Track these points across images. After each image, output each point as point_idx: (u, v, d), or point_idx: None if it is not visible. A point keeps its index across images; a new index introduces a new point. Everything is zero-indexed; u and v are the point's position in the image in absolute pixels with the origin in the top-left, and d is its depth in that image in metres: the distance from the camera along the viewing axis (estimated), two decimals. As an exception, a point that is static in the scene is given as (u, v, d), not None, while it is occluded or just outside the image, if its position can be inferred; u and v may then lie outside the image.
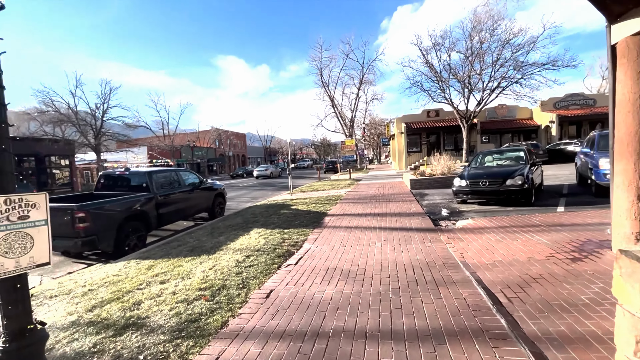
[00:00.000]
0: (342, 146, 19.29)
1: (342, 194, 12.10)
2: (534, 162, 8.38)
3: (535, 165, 8.27)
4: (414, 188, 12.20)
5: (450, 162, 13.46)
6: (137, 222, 6.64)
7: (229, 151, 52.28)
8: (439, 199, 9.29)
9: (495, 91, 20.85)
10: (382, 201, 9.55)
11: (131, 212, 6.52)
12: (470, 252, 4.29)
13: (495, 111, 26.74)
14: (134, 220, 6.56)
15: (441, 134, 27.35)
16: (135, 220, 6.61)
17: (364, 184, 15.66)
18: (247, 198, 15.16)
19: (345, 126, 34.20)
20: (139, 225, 6.67)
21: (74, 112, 25.85)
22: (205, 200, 9.41)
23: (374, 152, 71.21)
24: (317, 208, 8.92)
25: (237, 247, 5.21)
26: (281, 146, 76.50)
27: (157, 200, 7.32)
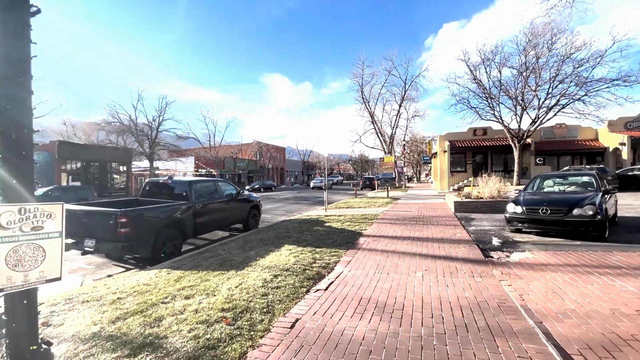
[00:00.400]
0: (380, 163, 18.75)
1: (379, 212, 11.54)
2: (607, 190, 7.23)
3: (608, 194, 7.13)
4: (458, 211, 11.26)
5: (501, 185, 12.30)
6: (175, 229, 6.77)
7: (268, 164, 53.86)
8: (487, 225, 8.39)
9: (553, 109, 19.05)
10: (422, 223, 8.86)
11: (169, 220, 6.67)
12: (533, 295, 3.62)
13: (552, 131, 24.44)
14: (171, 228, 6.70)
15: (489, 153, 25.56)
16: (173, 228, 6.74)
17: (402, 204, 14.90)
18: (282, 211, 15.16)
19: (385, 143, 33.51)
20: (176, 233, 6.79)
21: (134, 123, 28.43)
22: (241, 212, 9.46)
23: (413, 170, 68.91)
24: (352, 227, 8.50)
25: (266, 265, 5.00)
26: (319, 160, 77.28)
27: (195, 210, 7.45)
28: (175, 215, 6.85)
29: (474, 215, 10.33)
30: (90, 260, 6.59)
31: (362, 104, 33.97)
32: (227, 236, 8.95)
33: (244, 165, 47.24)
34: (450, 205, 12.48)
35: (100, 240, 5.93)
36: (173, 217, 6.77)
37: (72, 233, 6.27)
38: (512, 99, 19.73)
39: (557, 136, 24.46)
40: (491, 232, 7.39)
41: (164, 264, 5.48)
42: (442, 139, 26.55)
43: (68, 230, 6.49)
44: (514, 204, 7.05)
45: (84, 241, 6.07)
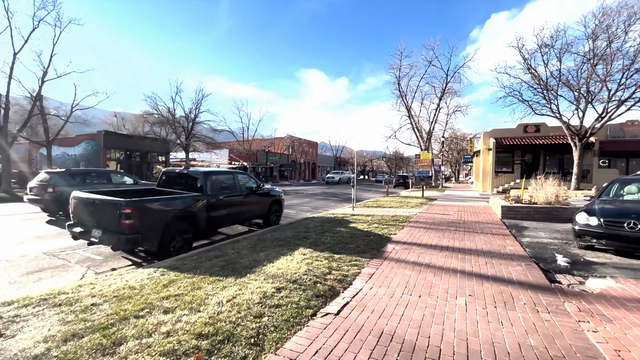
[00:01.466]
0: (415, 160, 17.32)
1: (412, 215, 10.38)
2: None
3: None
4: (506, 217, 9.76)
5: (560, 189, 10.51)
6: (185, 223, 6.29)
7: (300, 158, 53.72)
8: (545, 237, 6.96)
9: (625, 103, 16.21)
10: (463, 230, 7.63)
11: (180, 213, 6.19)
12: (636, 352, 2.48)
13: (622, 128, 21.15)
14: (182, 221, 6.22)
15: (541, 153, 22.80)
16: (184, 221, 6.27)
17: (439, 205, 13.50)
18: (308, 207, 14.47)
19: (422, 139, 31.48)
20: (187, 227, 6.31)
21: (172, 115, 29.37)
22: (261, 207, 8.88)
23: (452, 169, 65.09)
24: (380, 230, 7.52)
25: (272, 272, 4.26)
26: (351, 156, 75.87)
27: (209, 203, 6.94)
28: (187, 208, 6.36)
29: (526, 224, 8.82)
30: (102, 250, 6.33)
31: (398, 97, 32.11)
32: (246, 231, 8.41)
33: (276, 159, 47.47)
34: (496, 209, 10.94)
35: (106, 230, 5.58)
36: (184, 210, 6.28)
37: (81, 221, 6.03)
38: (575, 90, 17.11)
39: (628, 135, 21.11)
40: (552, 247, 6.02)
41: (164, 262, 4.97)
42: (487, 136, 24.18)
43: (78, 218, 6.29)
44: (586, 214, 5.63)
45: (92, 231, 5.77)
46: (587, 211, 5.69)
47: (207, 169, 7.67)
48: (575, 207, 9.98)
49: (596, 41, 16.34)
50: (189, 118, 30.10)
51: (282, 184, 40.30)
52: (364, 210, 11.79)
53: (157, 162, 32.51)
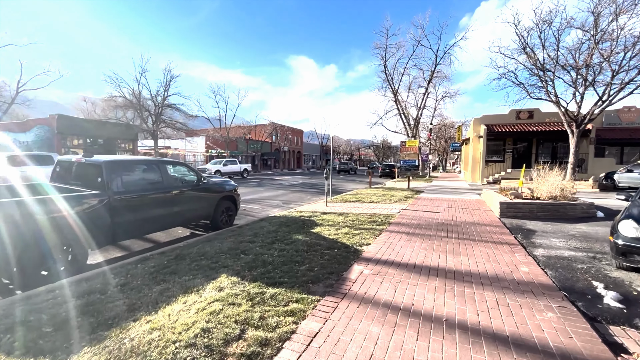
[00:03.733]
0: (401, 147, 15.63)
1: (394, 213, 8.65)
2: None
3: None
4: (505, 216, 8.16)
5: (566, 182, 8.97)
6: (63, 236, 4.33)
7: (284, 146, 51.46)
8: (563, 247, 5.34)
9: (629, 85, 14.79)
10: (457, 237, 5.93)
11: (54, 223, 4.21)
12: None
13: (618, 115, 19.99)
14: (59, 233, 4.27)
15: (533, 141, 21.50)
16: (61, 234, 4.30)
17: (426, 199, 11.87)
18: (279, 202, 12.61)
19: (409, 126, 29.79)
20: (66, 241, 4.36)
21: (137, 98, 26.60)
22: (203, 206, 6.97)
23: (439, 158, 64.25)
24: (350, 238, 5.74)
25: (133, 344, 2.40)
26: (338, 145, 73.91)
27: (113, 204, 4.98)
28: (67, 215, 4.38)
29: (531, 225, 7.22)
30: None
31: (384, 81, 30.12)
32: (186, 236, 6.55)
33: (257, 147, 45.10)
34: (492, 205, 9.35)
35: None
36: (61, 218, 4.31)
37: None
38: (575, 69, 15.56)
39: (624, 122, 19.99)
40: (580, 266, 4.38)
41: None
42: (477, 123, 22.67)
43: None
44: (635, 222, 3.96)
45: None
46: (636, 218, 4.02)
47: (113, 157, 5.65)
48: (585, 203, 8.50)
49: (600, 16, 14.73)
50: (156, 101, 27.38)
51: (263, 173, 38.19)
52: (339, 206, 10.00)
53: (123, 150, 29.79)
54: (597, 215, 8.35)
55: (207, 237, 5.92)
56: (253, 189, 17.85)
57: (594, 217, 8.20)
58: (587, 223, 7.44)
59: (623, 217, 4.18)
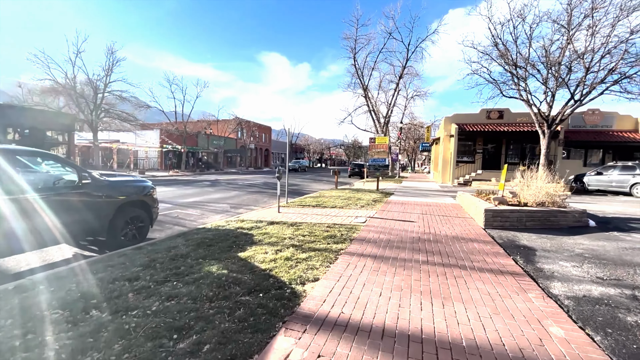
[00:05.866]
0: (370, 145, 14.13)
1: (359, 223, 6.94)
2: None
3: None
4: (491, 226, 6.75)
5: (553, 186, 7.80)
6: None
7: (250, 143, 48.67)
8: (583, 277, 3.88)
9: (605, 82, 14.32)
10: (441, 264, 4.29)
11: None
12: None
13: (582, 118, 20.02)
14: None
15: (503, 141, 21.07)
16: None
17: (397, 203, 10.35)
18: (226, 205, 10.49)
19: (379, 123, 28.66)
20: None
21: (71, 82, 22.90)
22: (85, 217, 4.78)
23: (408, 158, 64.67)
24: (290, 270, 3.89)
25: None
26: (308, 144, 72.06)
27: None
28: None
29: (524, 239, 5.82)
30: None
31: (353, 75, 28.69)
32: (60, 261, 4.30)
33: (220, 143, 42.01)
34: (473, 212, 7.98)
35: None
36: None
37: None
38: (547, 67, 14.93)
39: (588, 125, 20.07)
40: (632, 319, 2.86)
41: None
42: (448, 122, 21.89)
43: None
44: None
45: None
46: None
47: None
48: (577, 211, 7.35)
49: (574, 10, 14.16)
50: (97, 87, 23.80)
51: (227, 172, 35.39)
52: (294, 212, 8.14)
53: (57, 142, 25.75)
54: (590, 224, 7.24)
55: (72, 268, 3.77)
56: (202, 189, 15.47)
57: (587, 227, 7.06)
58: (584, 235, 6.21)
59: None
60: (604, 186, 14.34)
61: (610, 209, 9.64)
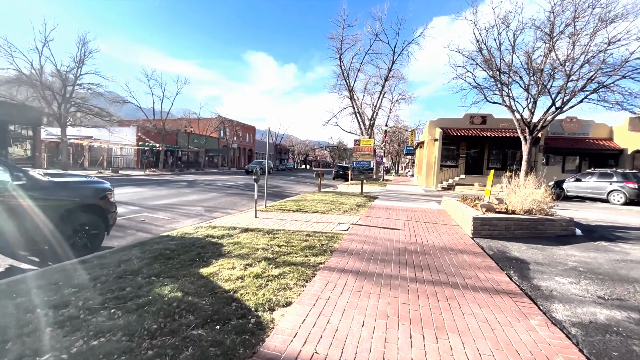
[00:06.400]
0: (355, 147, 13.71)
1: (342, 231, 6.45)
2: None
3: None
4: (478, 234, 6.42)
5: (541, 192, 7.60)
6: None
7: (233, 143, 47.45)
8: (584, 297, 3.54)
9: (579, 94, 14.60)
10: (430, 281, 3.84)
11: None
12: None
13: (561, 125, 20.46)
14: None
15: (486, 146, 21.24)
16: None
17: (381, 208, 9.95)
18: (201, 209, 9.77)
19: (364, 125, 28.44)
20: None
21: (38, 73, 21.33)
22: (25, 223, 4.07)
23: (392, 161, 65.12)
24: (258, 291, 3.32)
25: None
26: (293, 144, 71.27)
27: None
28: None
29: (515, 249, 5.50)
30: None
31: (339, 76, 28.32)
32: None
33: (201, 143, 40.68)
34: (459, 219, 7.66)
35: None
36: None
37: None
38: (530, 73, 15.05)
39: (566, 132, 20.53)
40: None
41: None
42: (433, 125, 21.87)
43: None
44: None
45: None
46: None
47: None
48: (564, 219, 7.15)
49: (555, 17, 14.32)
50: (66, 79, 22.29)
51: (207, 172, 34.20)
52: (272, 217, 7.56)
53: (21, 137, 23.97)
54: (576, 233, 7.06)
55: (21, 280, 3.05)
56: (178, 190, 14.59)
57: (574, 236, 6.87)
58: (573, 245, 5.97)
59: None
60: (582, 192, 14.55)
61: (592, 217, 9.62)
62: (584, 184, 14.59)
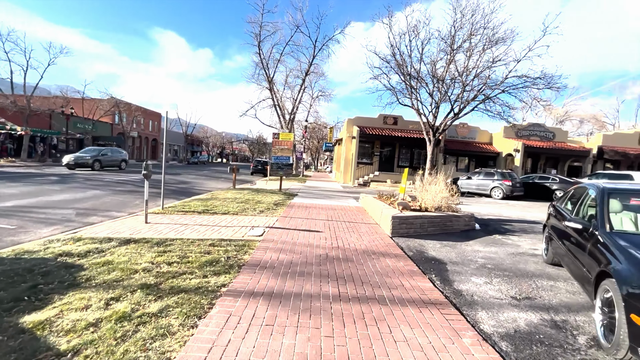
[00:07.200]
0: (274, 141, 12.84)
1: (255, 237, 5.54)
2: None
3: None
4: (397, 233, 6.35)
5: (451, 191, 8.11)
6: None
7: (132, 131, 40.80)
8: (501, 299, 3.51)
9: (472, 102, 16.81)
10: (356, 298, 3.29)
11: None
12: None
13: (456, 130, 23.45)
14: None
15: (397, 146, 22.92)
16: None
17: (301, 207, 9.36)
18: (70, 212, 7.50)
19: (284, 119, 27.68)
20: None
21: None
22: None
23: (312, 157, 66.24)
24: (127, 342, 2.21)
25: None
26: (207, 136, 65.71)
27: None
28: None
29: (430, 248, 5.52)
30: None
31: (258, 64, 26.79)
32: None
33: (88, 128, 33.66)
34: (377, 217, 7.58)
35: None
36: None
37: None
38: (436, 82, 16.65)
39: (459, 136, 23.66)
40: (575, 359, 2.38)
41: None
42: (351, 123, 22.51)
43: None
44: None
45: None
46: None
47: None
48: (467, 215, 7.75)
49: (455, 31, 16.06)
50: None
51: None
52: (170, 222, 6.13)
53: None
54: (476, 227, 7.73)
55: None
56: (42, 187, 11.27)
57: (474, 230, 7.50)
58: (476, 240, 6.41)
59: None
60: (472, 189, 16.80)
61: (483, 210, 10.93)
62: (473, 181, 16.87)
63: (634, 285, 2.32)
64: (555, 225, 4.73)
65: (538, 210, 11.65)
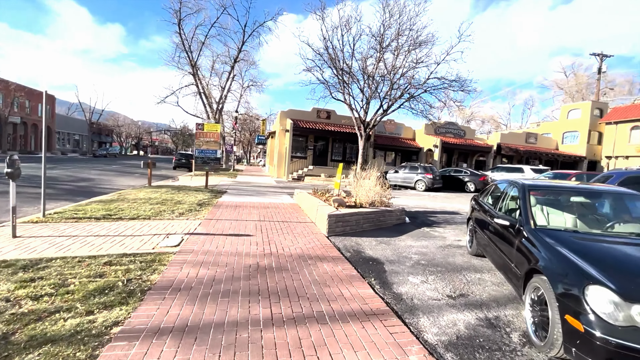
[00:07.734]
0: (197, 133, 11.47)
1: (170, 248, 4.62)
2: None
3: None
4: (333, 232, 6.09)
5: (382, 184, 8.20)
6: None
7: (12, 115, 32.97)
8: (439, 300, 3.44)
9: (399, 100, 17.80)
10: (292, 320, 2.81)
11: None
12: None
13: (384, 125, 24.71)
14: None
15: (330, 140, 23.11)
16: None
17: (230, 206, 8.48)
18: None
19: (211, 109, 25.47)
20: None
21: None
22: None
23: (244, 150, 63.51)
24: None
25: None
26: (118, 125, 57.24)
27: None
28: None
29: (367, 246, 5.39)
30: None
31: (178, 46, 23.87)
32: None
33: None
34: (313, 215, 7.25)
35: None
36: None
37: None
38: (367, 78, 17.10)
39: (387, 132, 25.00)
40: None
41: None
42: (284, 116, 21.86)
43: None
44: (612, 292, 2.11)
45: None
46: (618, 285, 2.16)
47: None
48: (399, 209, 7.94)
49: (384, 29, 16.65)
50: None
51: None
52: (51, 233, 4.75)
53: None
54: (406, 220, 7.99)
55: None
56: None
57: (405, 224, 7.72)
58: (408, 234, 6.55)
59: (580, 277, 2.34)
60: (399, 182, 17.86)
61: (410, 203, 11.55)
62: (400, 174, 17.94)
63: (567, 285, 2.34)
64: (478, 218, 4.98)
65: (456, 202, 12.84)
